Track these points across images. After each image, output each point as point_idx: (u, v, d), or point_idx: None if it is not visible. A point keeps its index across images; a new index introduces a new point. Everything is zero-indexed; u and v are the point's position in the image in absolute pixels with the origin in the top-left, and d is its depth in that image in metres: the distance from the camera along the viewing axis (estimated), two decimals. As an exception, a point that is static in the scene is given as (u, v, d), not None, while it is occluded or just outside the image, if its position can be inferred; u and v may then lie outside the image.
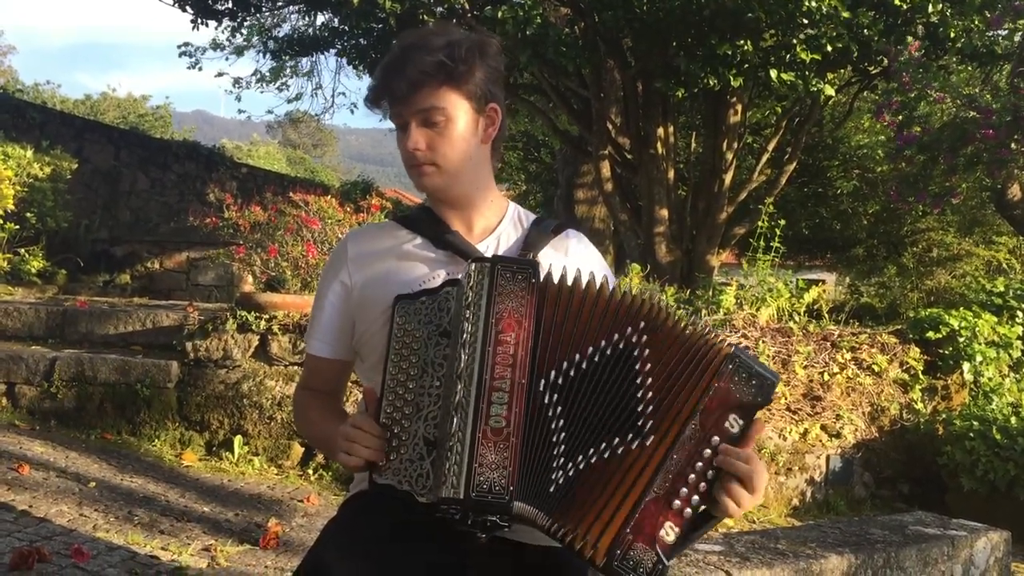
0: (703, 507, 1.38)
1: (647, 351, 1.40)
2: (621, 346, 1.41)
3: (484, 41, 1.64)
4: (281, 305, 4.62)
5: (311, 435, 1.80)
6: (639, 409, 1.38)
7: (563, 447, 1.37)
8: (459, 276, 1.48)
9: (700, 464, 1.36)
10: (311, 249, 5.30)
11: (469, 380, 1.36)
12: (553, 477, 1.37)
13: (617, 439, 1.38)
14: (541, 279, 1.43)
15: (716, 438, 1.37)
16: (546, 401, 1.38)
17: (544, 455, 1.37)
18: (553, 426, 1.38)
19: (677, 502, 1.35)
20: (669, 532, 1.34)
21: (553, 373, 1.39)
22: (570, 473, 1.37)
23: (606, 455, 1.37)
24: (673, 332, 1.42)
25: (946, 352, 5.70)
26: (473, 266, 1.43)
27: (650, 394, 1.39)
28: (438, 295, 1.46)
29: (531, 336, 1.39)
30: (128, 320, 5.09)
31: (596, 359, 1.40)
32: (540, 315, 1.41)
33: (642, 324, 1.41)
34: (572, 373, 1.39)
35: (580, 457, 1.38)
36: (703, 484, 1.36)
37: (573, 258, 1.69)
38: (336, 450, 1.51)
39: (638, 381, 1.39)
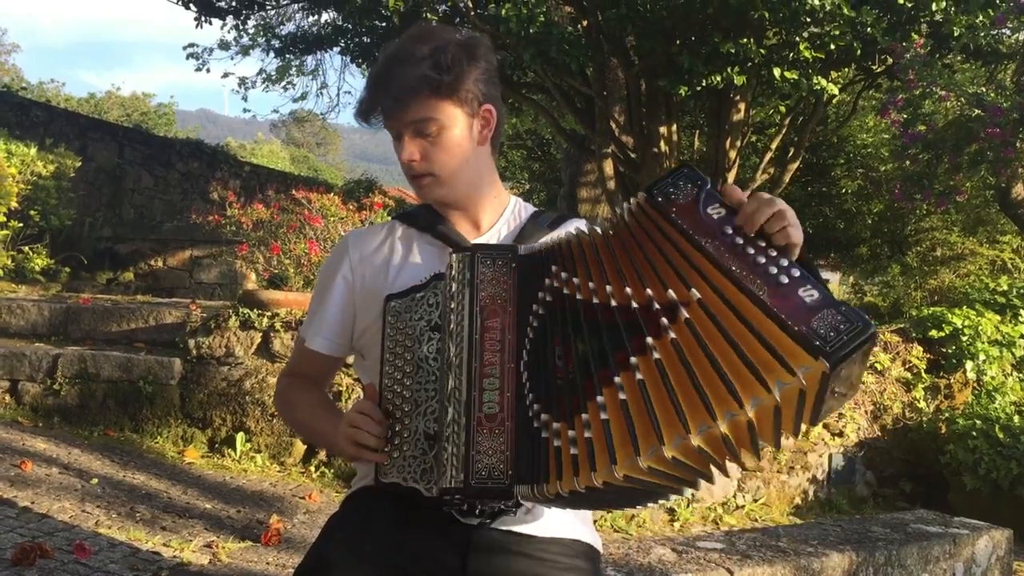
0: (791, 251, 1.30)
1: (585, 288, 1.34)
2: (558, 291, 1.36)
3: (472, 42, 1.60)
4: (284, 302, 4.63)
5: (294, 420, 1.79)
6: (634, 306, 1.29)
7: (543, 415, 1.31)
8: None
9: (750, 249, 1.28)
10: (313, 247, 5.31)
11: (460, 370, 1.37)
12: (546, 449, 1.30)
13: (648, 338, 1.26)
14: (521, 260, 1.43)
15: (727, 227, 1.30)
16: (524, 380, 1.37)
17: (532, 431, 1.34)
18: (528, 401, 1.35)
19: (783, 277, 1.24)
20: (812, 293, 1.23)
21: (525, 352, 1.38)
22: (587, 434, 1.26)
23: (618, 377, 1.25)
24: (594, 247, 1.37)
25: (949, 351, 5.69)
26: (454, 257, 1.44)
27: (630, 287, 1.30)
28: (426, 290, 1.46)
29: (517, 320, 1.39)
30: (131, 318, 5.10)
31: (542, 312, 1.37)
32: (521, 297, 1.41)
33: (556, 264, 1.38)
34: (528, 345, 1.37)
35: (585, 416, 1.27)
36: (772, 251, 1.28)
37: None
38: (335, 440, 1.52)
39: (593, 303, 1.32)
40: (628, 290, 1.31)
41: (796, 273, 1.25)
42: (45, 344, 4.93)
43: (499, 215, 1.71)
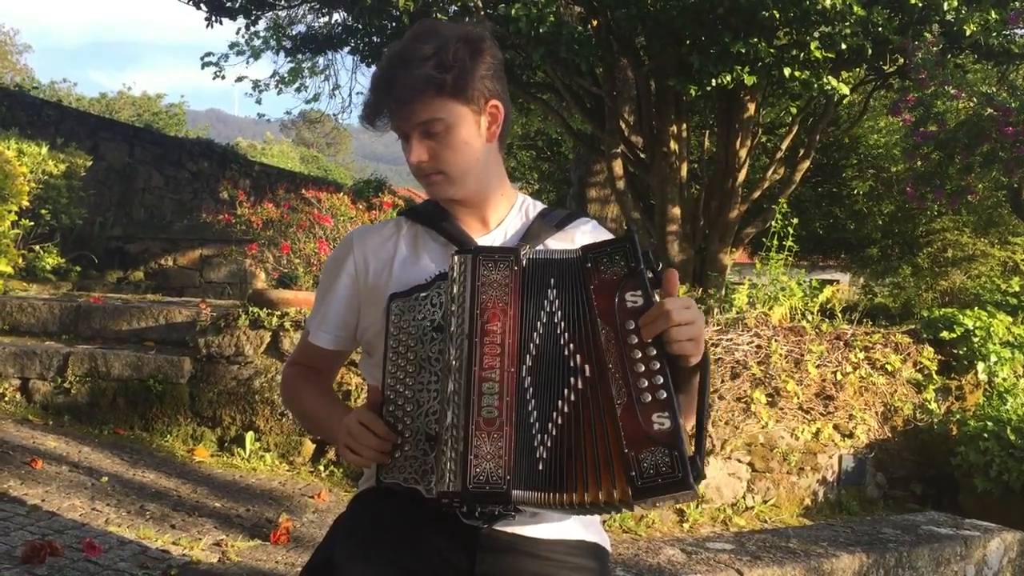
0: (670, 380, 1.35)
1: (558, 301, 1.42)
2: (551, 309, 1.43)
3: (476, 37, 1.59)
4: (293, 302, 4.63)
5: (299, 411, 1.80)
6: (565, 354, 1.39)
7: (537, 424, 1.38)
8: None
9: (637, 353, 1.34)
10: (323, 246, 5.32)
11: (459, 373, 1.38)
12: (537, 456, 1.36)
13: (566, 390, 1.37)
14: (524, 264, 1.43)
15: (631, 323, 1.35)
16: (526, 385, 1.39)
17: (528, 437, 1.37)
18: (530, 408, 1.38)
19: (647, 396, 1.32)
20: (663, 422, 1.31)
21: (528, 358, 1.40)
22: (548, 444, 1.36)
23: (566, 410, 1.37)
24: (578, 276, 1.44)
25: (960, 352, 5.66)
26: (455, 258, 1.44)
27: (567, 335, 1.40)
28: (430, 290, 1.46)
29: (518, 323, 1.40)
30: (141, 316, 5.11)
31: (542, 331, 1.41)
32: (523, 301, 1.42)
33: (552, 281, 1.44)
34: (534, 352, 1.40)
35: (549, 425, 1.37)
36: (655, 363, 1.33)
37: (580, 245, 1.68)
38: (333, 438, 1.54)
39: (564, 336, 1.40)
40: (566, 335, 1.41)
41: (662, 396, 1.32)
42: (56, 342, 4.94)
43: (507, 212, 1.71)
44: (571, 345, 1.39)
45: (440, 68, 1.52)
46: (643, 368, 1.33)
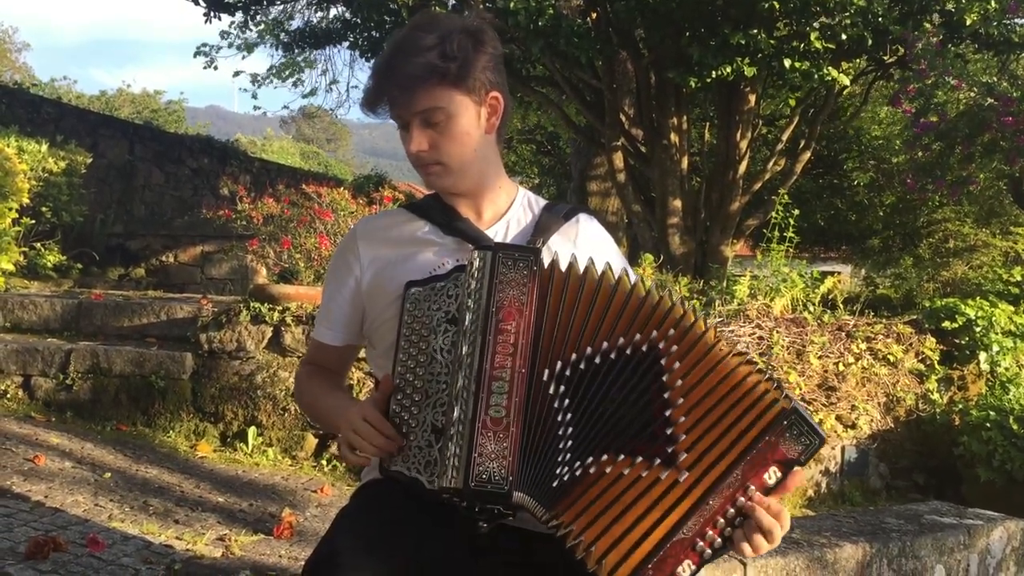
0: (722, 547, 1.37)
1: (676, 364, 1.35)
2: (644, 348, 1.36)
3: (477, 29, 1.59)
4: (294, 296, 4.63)
5: (309, 405, 1.80)
6: (668, 432, 1.33)
7: (570, 442, 1.36)
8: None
9: (731, 510, 1.34)
10: (324, 241, 5.31)
11: (470, 369, 1.37)
12: (558, 472, 1.35)
13: (641, 458, 1.33)
14: (544, 266, 1.42)
15: (753, 487, 1.34)
16: (551, 391, 1.37)
17: (549, 447, 1.36)
18: (559, 418, 1.36)
19: (700, 543, 1.33)
20: (686, 569, 1.33)
21: (560, 364, 1.37)
22: (577, 472, 1.35)
23: (625, 471, 1.34)
24: (711, 353, 1.35)
25: (962, 342, 5.65)
26: (475, 254, 1.42)
27: (682, 419, 1.34)
28: (447, 281, 1.45)
29: (533, 325, 1.38)
30: (143, 313, 5.11)
31: (612, 356, 1.37)
32: (543, 303, 1.39)
33: (671, 332, 1.36)
34: (582, 366, 1.37)
35: (590, 458, 1.35)
36: (729, 529, 1.34)
37: (584, 245, 1.67)
38: (338, 430, 1.53)
39: (665, 396, 1.34)
40: (681, 416, 1.37)
41: (707, 554, 1.35)
42: (57, 339, 4.94)
43: (507, 206, 1.70)
44: (681, 441, 1.34)
45: (443, 57, 1.52)
46: (722, 523, 1.34)
